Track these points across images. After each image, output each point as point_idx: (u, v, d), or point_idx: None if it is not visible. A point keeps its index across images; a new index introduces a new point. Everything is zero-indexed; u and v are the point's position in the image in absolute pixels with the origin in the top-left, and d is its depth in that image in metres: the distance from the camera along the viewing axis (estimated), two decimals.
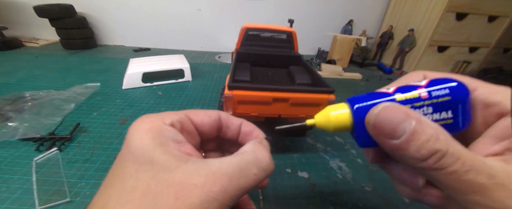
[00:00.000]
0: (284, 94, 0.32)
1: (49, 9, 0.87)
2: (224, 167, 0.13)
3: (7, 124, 0.41)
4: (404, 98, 0.14)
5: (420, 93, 0.14)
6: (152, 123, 0.14)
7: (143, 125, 0.14)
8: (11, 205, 0.28)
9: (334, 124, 0.16)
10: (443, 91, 0.13)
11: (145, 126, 0.14)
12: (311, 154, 0.41)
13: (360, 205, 0.32)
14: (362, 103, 0.15)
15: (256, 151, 0.15)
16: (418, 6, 0.96)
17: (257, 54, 0.50)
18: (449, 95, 0.13)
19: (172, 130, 0.15)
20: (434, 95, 0.13)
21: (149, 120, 0.15)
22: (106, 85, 0.63)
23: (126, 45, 1.11)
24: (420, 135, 0.11)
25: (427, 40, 0.93)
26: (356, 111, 0.15)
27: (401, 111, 0.12)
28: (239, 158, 0.14)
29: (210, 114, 0.18)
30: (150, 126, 0.14)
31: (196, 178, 0.12)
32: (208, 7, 1.06)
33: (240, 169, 0.13)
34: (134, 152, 0.13)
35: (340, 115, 0.15)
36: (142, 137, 0.13)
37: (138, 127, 0.14)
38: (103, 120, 0.46)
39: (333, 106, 0.16)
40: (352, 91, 0.74)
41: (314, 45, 1.15)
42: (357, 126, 0.15)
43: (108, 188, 0.12)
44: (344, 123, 0.15)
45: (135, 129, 0.14)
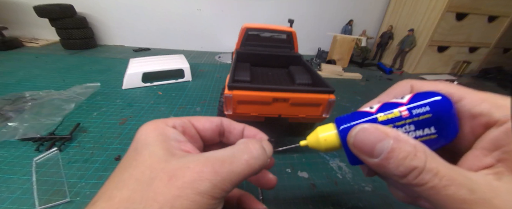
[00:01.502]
0: (284, 94, 0.32)
1: (49, 9, 0.87)
2: (217, 154, 0.14)
3: (7, 124, 0.41)
4: (386, 118, 0.14)
5: (401, 112, 0.14)
6: (155, 125, 0.16)
7: (148, 126, 0.15)
8: (11, 205, 0.28)
9: (324, 145, 0.16)
10: (424, 108, 0.13)
11: (150, 127, 0.15)
12: (311, 154, 0.41)
13: (360, 205, 0.32)
14: (347, 123, 0.15)
15: (248, 142, 0.16)
16: (418, 6, 0.96)
17: (257, 54, 0.50)
18: (430, 112, 0.13)
19: (174, 130, 0.16)
20: (415, 113, 0.14)
21: (153, 122, 0.16)
22: (106, 85, 0.63)
23: (126, 45, 1.11)
24: (398, 153, 0.12)
25: (427, 40, 0.93)
26: (341, 132, 0.15)
27: (379, 131, 0.13)
28: (231, 148, 0.15)
29: (212, 120, 0.19)
30: (154, 127, 0.15)
31: (189, 163, 0.13)
32: (208, 7, 1.06)
33: (232, 155, 0.14)
34: (137, 148, 0.14)
35: (328, 136, 0.16)
36: (146, 135, 0.15)
37: (144, 128, 0.15)
38: (103, 120, 0.46)
39: (322, 128, 0.17)
40: (352, 91, 0.74)
41: (314, 45, 1.15)
42: (345, 146, 0.15)
43: (110, 179, 0.13)
44: (333, 143, 0.16)
45: (141, 130, 0.15)
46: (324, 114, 0.35)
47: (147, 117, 0.49)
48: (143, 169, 0.13)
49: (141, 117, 0.49)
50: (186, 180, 0.12)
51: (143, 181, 0.12)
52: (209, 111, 0.53)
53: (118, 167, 0.14)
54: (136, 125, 0.46)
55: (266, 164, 0.16)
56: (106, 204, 0.12)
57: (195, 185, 0.12)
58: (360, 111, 0.16)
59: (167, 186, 0.12)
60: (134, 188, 0.12)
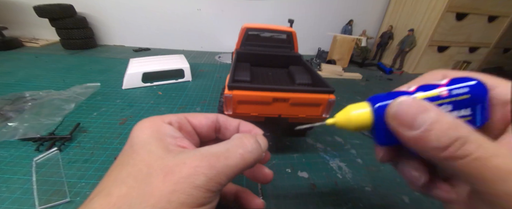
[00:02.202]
0: (284, 94, 0.32)
1: (49, 9, 0.87)
2: (212, 148, 0.14)
3: (7, 124, 0.41)
4: (425, 96, 0.14)
5: (440, 92, 0.14)
6: (151, 122, 0.16)
7: (143, 124, 0.16)
8: (11, 205, 0.28)
9: (354, 123, 0.16)
10: (463, 89, 0.14)
11: (146, 124, 0.16)
12: (311, 154, 0.41)
13: (360, 205, 0.32)
14: (384, 101, 0.15)
15: (242, 137, 0.16)
16: (418, 6, 0.96)
17: (257, 54, 0.50)
18: (468, 93, 0.13)
19: (170, 127, 0.16)
20: (454, 93, 0.14)
21: (149, 120, 0.16)
22: (106, 85, 0.63)
23: (126, 45, 1.11)
24: (440, 124, 0.11)
25: (427, 40, 0.93)
26: (377, 109, 0.15)
27: (421, 104, 0.12)
28: (226, 143, 0.15)
29: (207, 116, 0.19)
30: (149, 124, 0.16)
31: (186, 159, 0.13)
32: (208, 7, 1.06)
33: (227, 149, 0.14)
34: (133, 146, 0.14)
35: (361, 114, 0.16)
36: (141, 132, 0.15)
37: (139, 125, 0.16)
38: (103, 120, 0.46)
39: (354, 106, 0.16)
40: (352, 91, 0.74)
41: (314, 45, 1.15)
42: (378, 124, 0.15)
43: (107, 176, 0.14)
44: (365, 121, 0.16)
45: (136, 127, 0.16)
46: (324, 114, 0.35)
47: (147, 117, 0.49)
48: (140, 166, 0.13)
49: (141, 117, 0.48)
50: (182, 175, 0.12)
51: (140, 177, 0.12)
52: (209, 111, 0.53)
53: (115, 164, 0.14)
54: None
55: (260, 158, 0.16)
56: (104, 200, 0.12)
57: (191, 179, 0.12)
58: (396, 91, 0.16)
59: (164, 181, 0.12)
60: (132, 184, 0.12)
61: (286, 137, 0.45)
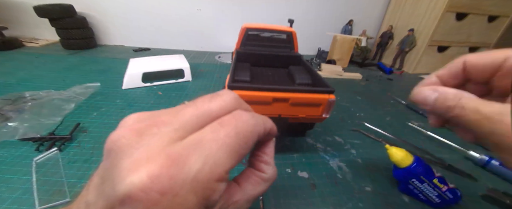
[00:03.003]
0: (284, 94, 0.32)
1: (49, 9, 0.87)
2: (248, 191, 0.15)
3: (7, 124, 0.41)
4: None
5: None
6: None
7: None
8: (11, 205, 0.28)
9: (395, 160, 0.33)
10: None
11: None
12: (311, 154, 0.41)
13: (360, 205, 0.32)
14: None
15: (274, 177, 0.17)
16: (418, 6, 0.96)
17: (257, 54, 0.50)
18: None
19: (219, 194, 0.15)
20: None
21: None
22: (106, 85, 0.63)
23: (126, 45, 1.11)
24: (439, 100, 0.18)
25: (427, 40, 0.93)
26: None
27: (429, 88, 0.19)
28: (266, 187, 0.16)
29: (261, 130, 0.15)
30: None
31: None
32: (208, 7, 1.06)
33: (258, 193, 0.16)
34: None
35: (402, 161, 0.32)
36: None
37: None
38: (103, 120, 0.46)
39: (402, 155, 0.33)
40: (352, 91, 0.74)
41: (314, 45, 1.15)
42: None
43: None
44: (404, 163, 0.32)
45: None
46: (324, 114, 0.35)
47: None
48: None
49: None
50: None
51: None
52: None
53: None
54: None
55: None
56: None
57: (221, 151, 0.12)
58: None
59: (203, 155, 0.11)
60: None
61: (286, 137, 0.45)
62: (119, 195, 0.08)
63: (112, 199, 0.09)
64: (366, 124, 0.53)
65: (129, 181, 0.08)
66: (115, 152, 0.10)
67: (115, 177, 0.09)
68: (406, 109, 0.64)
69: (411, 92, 0.21)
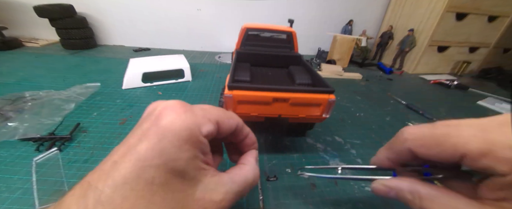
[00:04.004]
0: (284, 94, 0.32)
1: (49, 9, 0.87)
2: (234, 187, 0.17)
3: (7, 124, 0.41)
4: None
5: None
6: (191, 131, 0.15)
7: (183, 130, 0.15)
8: (11, 205, 0.28)
9: None
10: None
11: (185, 133, 0.15)
12: (311, 154, 0.41)
13: (360, 205, 0.32)
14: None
15: (255, 175, 0.20)
16: (418, 6, 0.96)
17: (257, 54, 0.50)
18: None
19: (206, 142, 0.16)
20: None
21: (188, 125, 0.15)
22: (106, 85, 0.63)
23: (126, 45, 1.11)
24: (401, 198, 0.19)
25: (427, 40, 0.93)
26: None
27: (382, 186, 0.20)
28: (244, 180, 0.19)
29: (231, 124, 0.20)
30: (189, 134, 0.15)
31: (215, 196, 0.16)
32: (208, 7, 1.06)
33: (243, 189, 0.18)
34: (167, 162, 0.14)
35: None
36: (180, 146, 0.14)
37: (177, 124, 0.15)
38: (103, 120, 0.46)
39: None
40: (352, 91, 0.74)
41: (314, 45, 1.15)
42: None
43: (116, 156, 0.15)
44: None
45: (173, 126, 0.14)
46: (324, 114, 0.35)
47: None
48: (179, 195, 0.14)
49: None
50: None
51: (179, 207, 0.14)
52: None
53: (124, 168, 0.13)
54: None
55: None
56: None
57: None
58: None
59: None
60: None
61: (286, 137, 0.45)
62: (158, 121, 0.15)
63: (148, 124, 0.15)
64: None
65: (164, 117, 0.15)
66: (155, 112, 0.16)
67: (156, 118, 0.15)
68: (406, 109, 0.64)
69: (372, 187, 0.21)
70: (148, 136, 0.14)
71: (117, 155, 0.14)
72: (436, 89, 0.84)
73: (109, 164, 0.14)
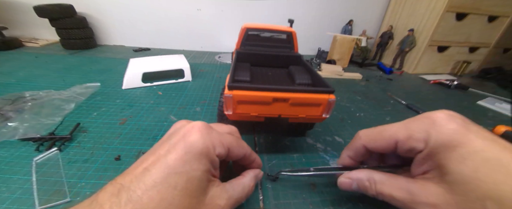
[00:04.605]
0: (284, 94, 0.32)
1: (49, 9, 0.87)
2: (235, 194, 0.22)
3: (7, 124, 0.41)
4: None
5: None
6: (208, 150, 0.19)
7: (204, 148, 0.19)
8: (11, 205, 0.28)
9: None
10: None
11: (205, 150, 0.19)
12: (311, 154, 0.41)
13: (360, 205, 0.32)
14: None
15: (250, 186, 0.25)
16: (418, 6, 0.96)
17: (257, 54, 0.50)
18: None
19: (217, 160, 0.20)
20: None
21: (207, 145, 0.19)
22: (106, 85, 0.63)
23: (126, 45, 1.11)
24: (361, 187, 0.25)
25: (427, 40, 0.93)
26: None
27: (345, 178, 0.26)
28: (242, 189, 0.23)
29: (241, 152, 0.24)
30: (207, 152, 0.19)
31: (219, 201, 0.20)
32: (208, 7, 1.06)
33: (241, 197, 0.23)
34: (190, 171, 0.17)
35: None
36: (200, 160, 0.18)
37: (198, 142, 0.18)
38: (103, 120, 0.46)
39: None
40: (352, 91, 0.74)
41: (314, 45, 1.15)
42: None
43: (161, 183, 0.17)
44: None
45: (196, 144, 0.18)
46: (324, 114, 0.35)
47: (147, 117, 0.49)
48: (189, 196, 0.17)
49: (141, 117, 0.49)
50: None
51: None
52: (209, 111, 0.53)
53: (155, 173, 0.16)
54: (136, 125, 0.46)
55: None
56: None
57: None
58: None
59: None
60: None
61: (286, 137, 0.45)
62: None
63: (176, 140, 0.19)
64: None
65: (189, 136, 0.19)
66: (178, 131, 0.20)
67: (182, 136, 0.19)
68: (406, 109, 0.64)
69: (338, 182, 0.26)
70: (177, 149, 0.18)
71: (147, 162, 0.17)
72: (436, 89, 0.84)
73: (140, 170, 0.17)
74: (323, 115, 0.35)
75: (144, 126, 0.46)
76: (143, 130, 0.44)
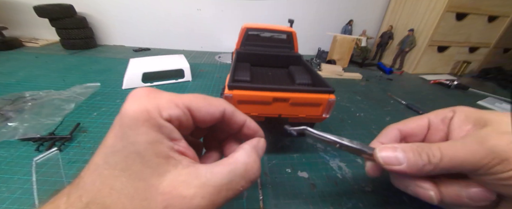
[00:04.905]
0: (284, 94, 0.32)
1: (49, 9, 0.87)
2: (213, 178, 0.14)
3: (7, 124, 0.41)
4: None
5: None
6: (148, 113, 0.13)
7: (141, 110, 0.14)
8: (11, 205, 0.28)
9: None
10: None
11: (143, 114, 0.13)
12: (311, 154, 0.41)
13: (360, 205, 0.32)
14: None
15: (247, 162, 0.15)
16: (418, 6, 0.96)
17: (257, 54, 0.50)
18: None
19: (169, 126, 0.14)
20: None
21: (145, 108, 0.14)
22: (106, 85, 0.63)
23: (126, 45, 1.11)
24: (411, 154, 0.20)
25: (427, 40, 0.93)
26: None
27: (394, 148, 0.21)
28: (229, 170, 0.15)
29: (213, 112, 0.17)
30: (146, 116, 0.13)
31: (185, 190, 0.13)
32: (208, 7, 1.06)
33: (229, 181, 0.14)
34: (126, 146, 0.13)
35: None
36: (137, 128, 0.13)
37: (135, 109, 0.14)
38: (103, 120, 0.46)
39: None
40: (352, 91, 0.74)
41: (314, 45, 1.15)
42: None
43: (86, 174, 0.13)
44: None
45: (132, 112, 0.14)
46: (324, 114, 0.35)
47: None
48: (137, 183, 0.12)
49: None
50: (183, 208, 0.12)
51: (137, 201, 0.12)
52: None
53: (100, 150, 0.14)
54: None
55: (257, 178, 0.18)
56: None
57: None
58: None
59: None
60: (124, 203, 0.12)
61: (286, 137, 0.45)
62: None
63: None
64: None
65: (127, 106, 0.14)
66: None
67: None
68: (406, 109, 0.64)
69: (375, 156, 0.21)
70: (113, 125, 0.14)
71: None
72: (436, 89, 0.84)
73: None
74: (323, 115, 0.35)
75: None
76: None
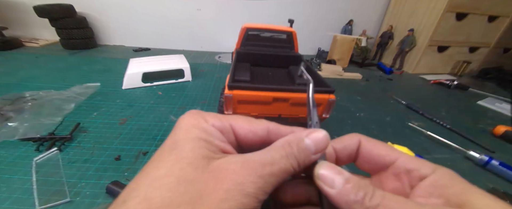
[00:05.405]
0: (284, 94, 0.32)
1: (49, 9, 0.87)
2: (255, 156, 0.14)
3: (7, 124, 0.41)
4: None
5: None
6: (196, 119, 0.15)
7: (189, 121, 0.15)
8: (11, 205, 0.28)
9: None
10: None
11: (191, 121, 0.15)
12: None
13: None
14: None
15: (285, 144, 0.15)
16: (418, 6, 0.96)
17: (257, 54, 0.50)
18: None
19: (216, 130, 0.15)
20: None
21: (194, 117, 0.15)
22: (106, 85, 0.62)
23: (126, 45, 1.11)
24: (353, 182, 0.14)
25: (427, 40, 0.93)
26: None
27: (337, 168, 0.15)
28: (269, 149, 0.15)
29: (256, 131, 0.17)
30: (195, 121, 0.15)
31: (232, 165, 0.13)
32: (208, 7, 1.06)
33: (271, 157, 0.14)
34: (177, 141, 0.14)
35: None
36: (187, 130, 0.14)
37: (185, 120, 0.15)
38: (103, 120, 0.46)
39: None
40: (352, 91, 0.74)
41: (314, 45, 1.15)
42: None
43: (142, 174, 0.13)
44: None
45: (182, 123, 0.15)
46: (324, 114, 0.35)
47: (147, 117, 0.49)
48: (184, 166, 0.12)
49: (141, 117, 0.49)
50: (232, 182, 0.12)
51: (186, 181, 0.12)
52: (209, 111, 0.53)
53: (151, 161, 0.13)
54: (136, 125, 0.46)
55: (309, 161, 0.16)
56: (142, 206, 0.11)
57: (241, 187, 0.12)
58: None
59: (214, 189, 0.12)
60: (176, 188, 0.11)
61: None
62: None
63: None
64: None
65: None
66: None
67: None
68: (406, 109, 0.64)
69: (315, 168, 0.15)
70: (169, 136, 0.15)
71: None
72: (436, 89, 0.84)
73: None
74: (323, 115, 0.35)
75: (144, 126, 0.46)
76: (143, 130, 0.44)
